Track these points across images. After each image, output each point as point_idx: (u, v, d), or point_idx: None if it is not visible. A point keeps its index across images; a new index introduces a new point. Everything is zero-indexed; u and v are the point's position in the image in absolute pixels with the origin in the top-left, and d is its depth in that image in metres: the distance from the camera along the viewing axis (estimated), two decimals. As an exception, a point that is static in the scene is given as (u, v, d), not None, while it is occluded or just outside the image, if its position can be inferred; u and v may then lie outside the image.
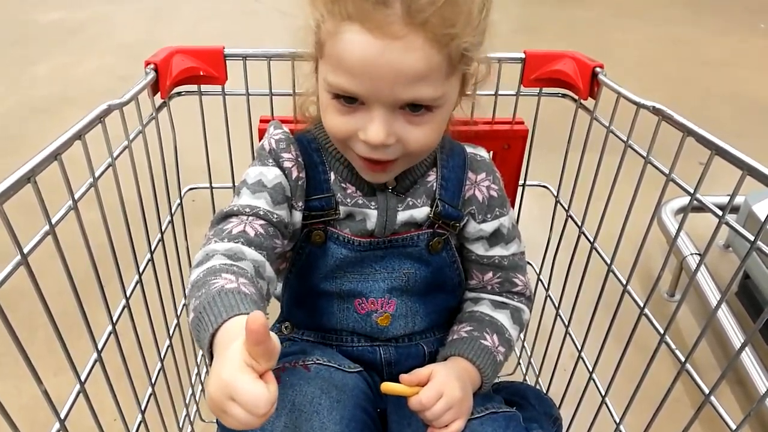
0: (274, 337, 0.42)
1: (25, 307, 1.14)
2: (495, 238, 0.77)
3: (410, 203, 0.72)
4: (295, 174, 0.70)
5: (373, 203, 0.71)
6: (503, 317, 0.76)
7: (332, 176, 0.72)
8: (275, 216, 0.66)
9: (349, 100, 0.60)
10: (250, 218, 0.65)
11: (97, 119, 0.62)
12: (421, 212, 0.72)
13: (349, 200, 0.71)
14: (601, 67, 0.82)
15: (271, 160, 0.70)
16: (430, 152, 0.70)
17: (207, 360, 0.50)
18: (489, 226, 0.76)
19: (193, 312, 0.52)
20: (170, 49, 0.82)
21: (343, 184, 0.72)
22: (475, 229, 0.75)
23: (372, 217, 0.71)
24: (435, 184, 0.73)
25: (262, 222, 0.65)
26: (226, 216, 0.66)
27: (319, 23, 0.60)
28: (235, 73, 0.85)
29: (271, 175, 0.69)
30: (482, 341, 0.72)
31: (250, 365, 0.42)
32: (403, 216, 0.72)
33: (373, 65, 0.55)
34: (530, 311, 0.82)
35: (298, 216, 0.71)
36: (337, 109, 0.61)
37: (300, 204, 0.70)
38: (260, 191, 0.67)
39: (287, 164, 0.70)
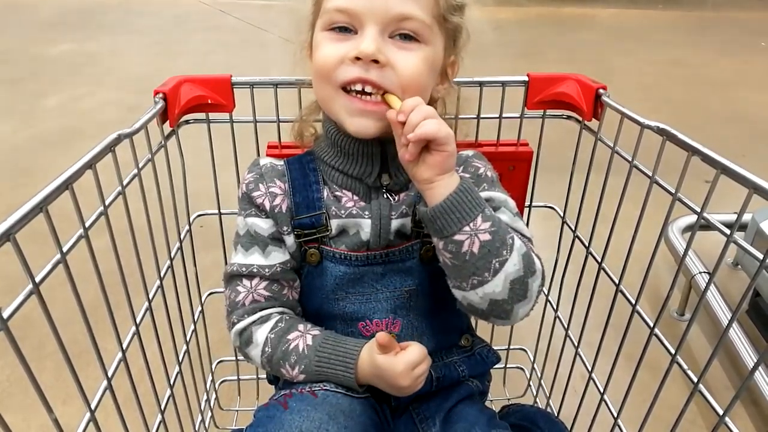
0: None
1: (34, 336, 1.15)
2: (491, 202, 0.71)
3: (403, 211, 0.72)
4: (268, 205, 0.73)
5: (366, 212, 0.72)
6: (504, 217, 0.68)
7: (326, 193, 0.73)
8: (269, 269, 0.73)
9: (342, 30, 0.65)
10: (254, 282, 0.73)
11: (108, 148, 0.63)
12: (408, 221, 0.73)
13: (342, 212, 0.72)
14: (605, 88, 0.83)
15: (246, 205, 0.75)
16: (420, 92, 0.67)
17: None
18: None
19: (304, 374, 0.69)
20: (179, 78, 0.84)
21: (338, 193, 0.73)
22: None
23: (366, 226, 0.71)
24: (415, 191, 0.73)
25: (264, 284, 0.73)
26: (231, 278, 0.74)
27: None
28: (242, 100, 0.87)
29: (251, 225, 0.74)
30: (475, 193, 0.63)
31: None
32: (396, 224, 0.72)
33: None
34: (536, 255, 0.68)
35: (290, 240, 0.73)
36: (329, 39, 0.66)
37: (286, 228, 0.73)
38: (251, 245, 0.74)
39: (259, 200, 0.74)
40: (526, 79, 0.87)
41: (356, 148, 0.71)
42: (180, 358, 0.89)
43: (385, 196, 0.73)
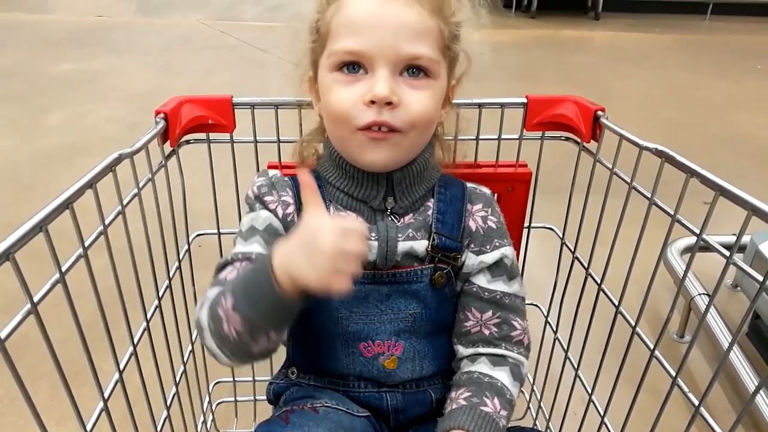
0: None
1: (29, 356, 1.14)
2: (498, 269, 0.75)
3: (410, 234, 0.73)
4: (281, 212, 0.72)
5: (373, 234, 0.72)
6: (503, 375, 0.72)
7: (332, 210, 0.73)
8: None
9: (351, 69, 0.65)
10: (244, 263, 0.67)
11: (109, 168, 0.63)
12: (421, 245, 0.72)
13: None
14: (603, 110, 0.83)
15: (258, 204, 0.73)
16: (427, 131, 0.71)
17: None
18: (490, 257, 0.75)
19: (234, 287, 0.59)
20: (180, 98, 0.84)
21: (342, 213, 0.73)
22: (476, 262, 0.75)
23: (372, 247, 0.71)
24: (431, 217, 0.74)
25: None
26: (223, 265, 0.69)
27: (321, 12, 0.68)
28: (242, 120, 0.87)
29: (261, 218, 0.72)
30: (483, 408, 0.68)
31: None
32: (403, 246, 0.72)
33: (377, 18, 0.63)
34: (528, 360, 0.78)
35: None
36: (340, 81, 0.66)
37: None
38: (253, 236, 0.70)
39: (272, 206, 0.73)
40: (525, 100, 0.87)
41: (361, 172, 0.72)
42: (177, 379, 0.88)
43: (390, 218, 0.73)
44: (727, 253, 0.59)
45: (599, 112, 0.83)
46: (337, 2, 0.66)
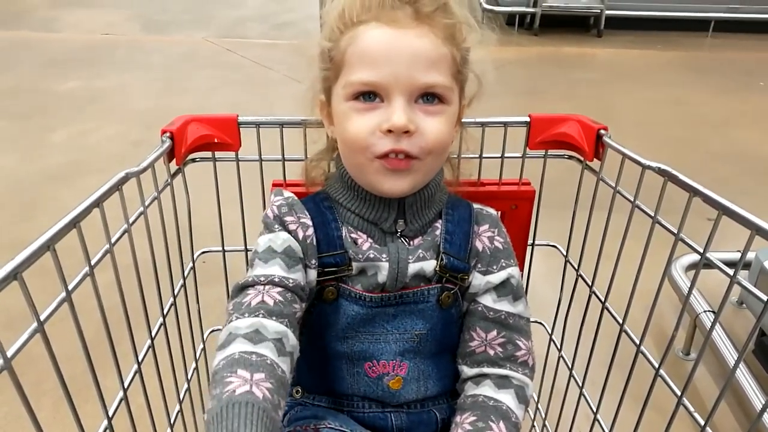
0: None
1: (32, 372, 1.14)
2: (504, 288, 0.76)
3: (420, 255, 0.73)
4: (301, 234, 0.72)
5: (384, 255, 0.72)
6: (508, 398, 0.72)
7: (344, 232, 0.73)
8: (290, 281, 0.68)
9: (368, 98, 0.66)
10: (267, 287, 0.66)
11: (115, 187, 0.64)
12: (430, 265, 0.73)
13: (361, 255, 0.72)
14: (606, 129, 0.84)
15: (277, 226, 0.73)
16: (444, 154, 0.72)
17: None
18: (496, 278, 0.75)
19: (207, 414, 0.53)
20: (186, 117, 0.85)
21: (353, 235, 0.73)
22: (483, 282, 0.75)
23: (383, 269, 0.72)
24: (439, 237, 0.74)
25: (279, 289, 0.66)
26: (243, 288, 0.67)
27: (334, 41, 0.69)
28: (248, 139, 0.88)
29: (280, 240, 0.71)
30: None
31: None
32: (414, 268, 0.72)
33: (392, 49, 0.64)
34: (532, 381, 0.77)
35: (313, 274, 0.72)
36: (357, 110, 0.67)
37: (314, 262, 0.72)
38: (272, 258, 0.69)
39: (292, 227, 0.72)
40: (528, 119, 0.88)
41: (373, 195, 0.72)
42: (181, 397, 0.88)
43: (401, 240, 0.73)
44: (731, 272, 0.59)
45: (602, 131, 0.83)
46: (351, 32, 0.67)
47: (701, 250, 0.64)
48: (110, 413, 0.65)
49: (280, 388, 0.57)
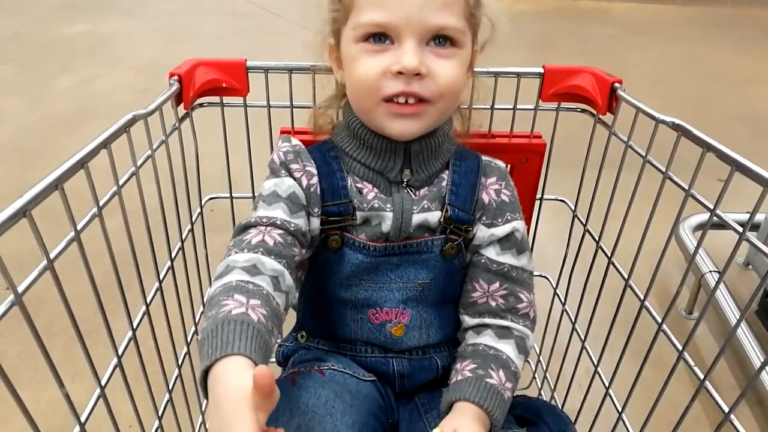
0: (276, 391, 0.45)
1: (44, 315, 1.16)
2: (508, 242, 0.76)
3: (425, 206, 0.73)
4: (305, 182, 0.72)
5: (388, 205, 0.72)
6: (508, 348, 0.72)
7: (349, 182, 0.73)
8: (292, 225, 0.68)
9: (378, 40, 0.65)
10: (269, 228, 0.67)
11: (123, 129, 0.63)
12: (434, 216, 0.73)
13: (365, 205, 0.72)
14: (620, 82, 0.82)
15: (283, 171, 0.73)
16: (456, 99, 0.71)
17: (201, 392, 0.50)
18: (500, 230, 0.75)
19: (201, 333, 0.53)
20: (194, 61, 0.84)
21: (359, 185, 0.73)
22: (487, 234, 0.75)
23: (387, 219, 0.72)
24: (445, 188, 0.74)
25: (280, 231, 0.67)
26: (246, 227, 0.68)
27: None
28: (256, 85, 0.87)
29: (285, 185, 0.71)
30: (488, 380, 0.68)
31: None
32: (417, 218, 0.72)
33: None
34: (533, 333, 0.78)
35: (316, 222, 0.72)
36: (367, 52, 0.66)
37: (317, 210, 0.72)
38: (276, 202, 0.70)
39: (297, 174, 0.72)
40: (542, 71, 0.86)
41: (379, 143, 0.72)
42: (189, 340, 0.90)
43: (406, 190, 0.73)
44: (740, 229, 0.58)
45: (616, 84, 0.82)
46: None
47: (711, 207, 0.63)
48: (119, 353, 0.66)
49: (275, 318, 0.56)
